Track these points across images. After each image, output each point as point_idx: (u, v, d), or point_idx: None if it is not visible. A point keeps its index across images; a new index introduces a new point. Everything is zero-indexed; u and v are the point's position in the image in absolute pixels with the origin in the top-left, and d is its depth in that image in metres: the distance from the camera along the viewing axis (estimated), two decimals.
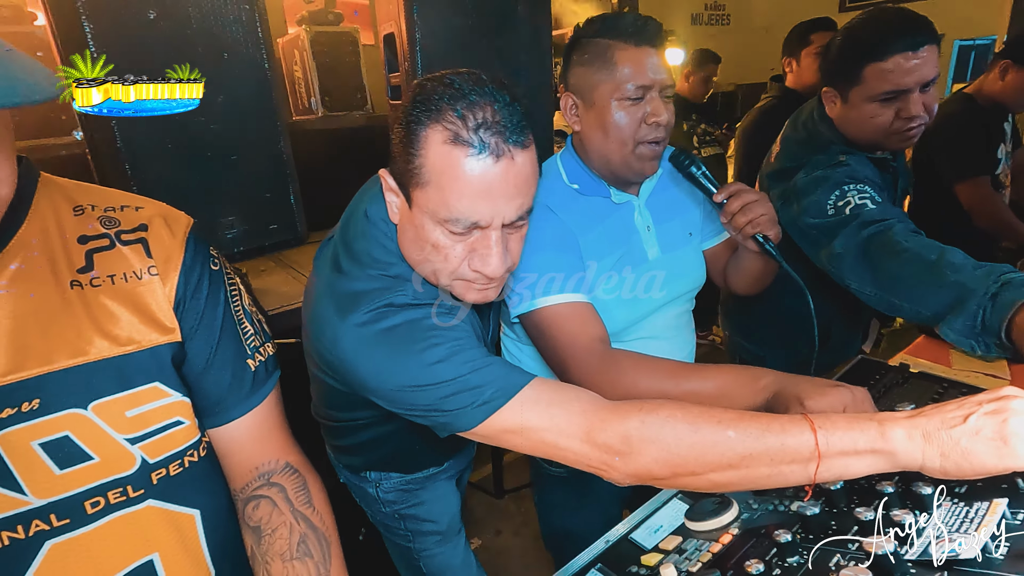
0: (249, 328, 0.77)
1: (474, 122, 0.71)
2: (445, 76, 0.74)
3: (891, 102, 1.16)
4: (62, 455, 0.59)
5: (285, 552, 0.72)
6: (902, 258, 1.08)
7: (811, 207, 1.24)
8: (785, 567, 0.67)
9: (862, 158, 1.28)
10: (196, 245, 0.71)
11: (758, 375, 0.89)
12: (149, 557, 0.66)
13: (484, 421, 0.72)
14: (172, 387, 0.66)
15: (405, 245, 0.82)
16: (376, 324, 0.75)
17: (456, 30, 1.94)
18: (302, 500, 0.76)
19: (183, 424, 0.68)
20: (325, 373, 0.90)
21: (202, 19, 1.71)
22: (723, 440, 0.66)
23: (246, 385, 0.75)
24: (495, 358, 0.76)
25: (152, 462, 0.65)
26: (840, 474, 0.64)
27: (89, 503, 0.61)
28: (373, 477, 1.15)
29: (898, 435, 0.62)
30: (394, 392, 0.74)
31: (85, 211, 0.65)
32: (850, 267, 1.16)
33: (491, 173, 0.72)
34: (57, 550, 0.60)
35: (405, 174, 0.76)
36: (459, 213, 0.74)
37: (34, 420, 0.57)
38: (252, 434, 0.76)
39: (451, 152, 0.72)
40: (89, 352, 0.60)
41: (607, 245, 1.13)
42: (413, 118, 0.74)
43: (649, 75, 1.02)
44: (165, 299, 0.67)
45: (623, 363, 0.96)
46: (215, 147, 1.84)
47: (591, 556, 0.85)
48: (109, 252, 0.64)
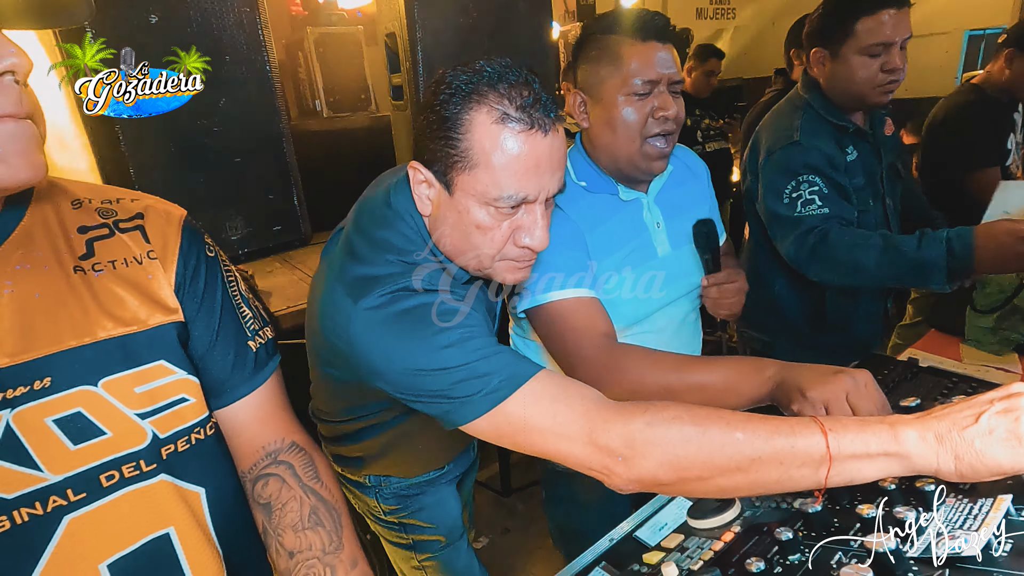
0: (248, 312, 0.79)
1: (520, 100, 0.74)
2: (473, 64, 0.77)
3: (877, 57, 1.31)
4: (76, 430, 0.60)
5: (297, 523, 0.74)
6: (860, 251, 1.23)
7: (770, 190, 1.39)
8: (786, 565, 0.66)
9: (820, 127, 1.40)
10: (191, 233, 0.73)
11: (762, 366, 0.88)
12: (165, 531, 0.67)
13: (489, 411, 0.70)
14: (178, 365, 0.68)
15: (444, 233, 0.83)
16: (390, 307, 0.75)
17: (457, 29, 1.94)
18: (310, 475, 0.77)
19: (190, 401, 0.69)
20: (331, 364, 0.90)
21: (203, 22, 1.72)
22: (732, 442, 0.63)
23: (249, 365, 0.76)
24: (504, 347, 0.75)
25: (162, 437, 0.66)
26: (852, 478, 0.62)
27: (104, 476, 0.62)
28: (372, 482, 1.14)
29: (911, 437, 0.60)
30: (403, 376, 0.74)
31: (83, 204, 0.68)
32: (808, 267, 1.33)
33: (540, 148, 0.76)
34: (75, 524, 0.61)
35: (446, 161, 0.78)
36: (511, 189, 0.76)
37: (47, 398, 0.59)
38: (257, 414, 0.78)
39: (501, 131, 0.75)
40: (96, 332, 0.62)
41: (615, 242, 1.12)
42: (451, 105, 0.75)
43: (656, 69, 1.02)
44: (166, 282, 0.68)
45: (629, 357, 0.96)
46: (218, 150, 1.85)
47: (596, 554, 0.85)
48: (109, 240, 0.66)
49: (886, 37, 1.29)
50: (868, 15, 1.29)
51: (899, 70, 1.32)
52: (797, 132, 1.38)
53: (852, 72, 1.34)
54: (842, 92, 1.39)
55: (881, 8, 1.28)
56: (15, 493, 0.58)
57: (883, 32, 1.28)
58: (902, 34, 1.30)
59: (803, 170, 1.33)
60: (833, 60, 1.37)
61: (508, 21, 2.00)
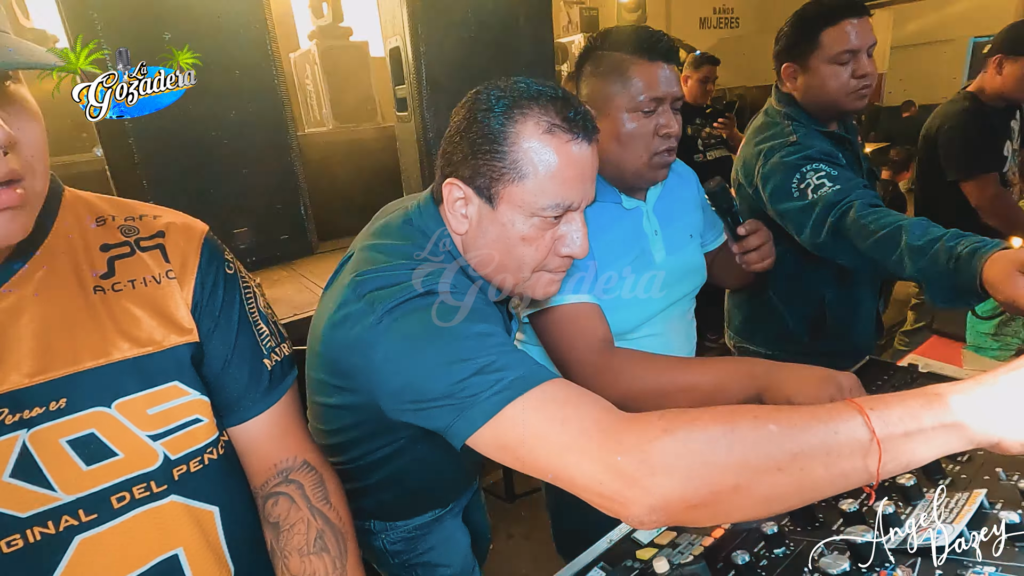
0: (265, 329, 0.79)
1: (564, 112, 0.78)
2: (508, 80, 0.81)
3: (846, 64, 1.36)
4: (88, 452, 0.61)
5: (303, 547, 0.74)
6: (869, 241, 1.19)
7: (776, 193, 1.38)
8: (771, 558, 0.69)
9: (812, 131, 1.43)
10: (211, 250, 0.74)
11: (751, 366, 0.91)
12: (174, 551, 0.68)
13: (496, 415, 0.63)
14: (191, 386, 0.69)
15: (483, 248, 0.84)
16: (413, 314, 0.73)
17: (459, 43, 1.98)
18: (319, 496, 0.78)
19: (202, 422, 0.70)
20: (336, 391, 0.88)
21: (214, 38, 1.78)
22: (766, 436, 0.53)
23: (263, 384, 0.76)
24: (520, 350, 0.73)
25: (174, 458, 0.67)
26: (908, 463, 0.53)
27: (115, 498, 0.63)
28: (378, 528, 1.09)
29: (961, 403, 0.52)
30: (412, 380, 0.70)
31: (106, 221, 0.69)
32: (832, 249, 1.28)
33: (585, 156, 0.80)
34: (86, 545, 0.62)
35: (490, 175, 0.80)
36: (559, 198, 0.79)
37: (61, 419, 0.60)
38: (270, 432, 0.78)
39: (551, 141, 0.78)
40: (112, 353, 0.63)
41: (619, 249, 1.16)
42: (494, 120, 0.78)
43: (662, 88, 1.06)
44: (183, 302, 0.69)
45: (623, 361, 0.99)
46: (228, 161, 1.90)
47: (594, 555, 0.87)
48: (130, 258, 0.68)
49: (851, 45, 1.34)
50: (831, 26, 1.35)
51: (869, 75, 1.37)
52: (793, 135, 1.42)
53: (823, 81, 1.39)
54: (817, 102, 1.43)
55: (842, 19, 1.34)
56: (29, 512, 0.58)
57: (848, 40, 1.34)
58: (866, 41, 1.36)
59: (804, 162, 1.34)
60: (804, 73, 1.42)
61: (509, 35, 2.05)
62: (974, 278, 0.99)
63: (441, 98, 2.01)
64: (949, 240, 1.07)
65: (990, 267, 0.97)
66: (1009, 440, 0.51)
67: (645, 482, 0.54)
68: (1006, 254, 0.97)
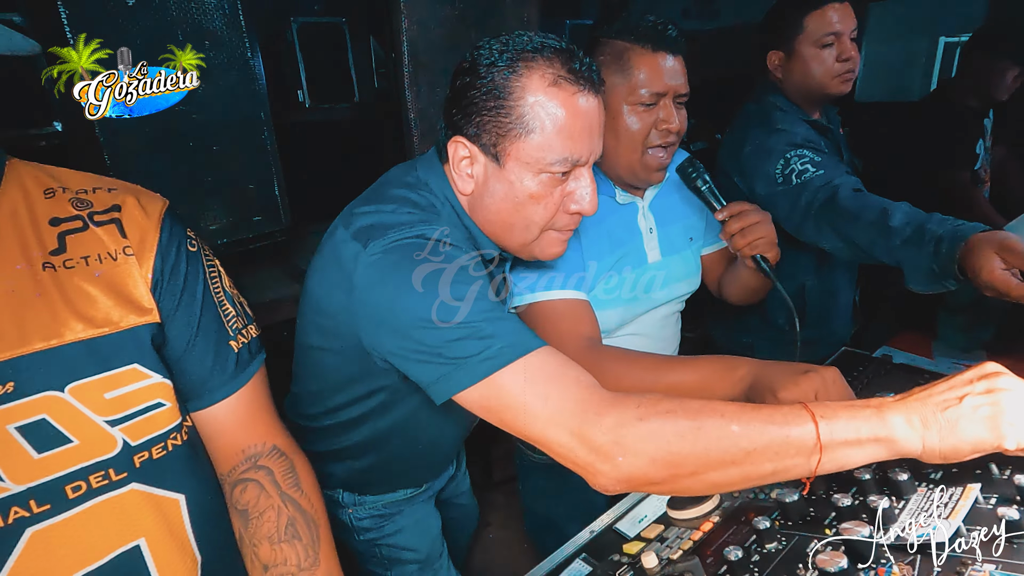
0: (231, 309, 0.76)
1: (570, 64, 0.76)
2: (512, 34, 0.78)
3: (830, 47, 1.38)
4: (40, 438, 0.58)
5: (273, 535, 0.72)
6: (853, 225, 1.20)
7: (760, 179, 1.39)
8: (764, 553, 0.68)
9: (796, 119, 1.44)
10: (172, 226, 0.70)
11: (735, 365, 0.90)
12: (136, 543, 0.65)
13: (483, 379, 0.66)
14: (152, 368, 0.65)
15: (490, 208, 0.83)
16: (401, 251, 0.73)
17: (443, 20, 1.93)
18: (290, 483, 0.75)
19: (164, 406, 0.66)
20: (323, 332, 0.86)
21: (182, 6, 1.68)
22: (727, 435, 0.61)
23: (229, 366, 0.74)
24: (511, 315, 0.73)
25: (134, 444, 0.64)
26: (841, 465, 0.61)
27: (70, 487, 0.60)
28: (347, 501, 1.07)
29: (897, 421, 0.60)
30: (403, 325, 0.70)
31: (56, 193, 0.64)
32: (815, 234, 1.29)
33: (592, 109, 0.78)
34: (38, 537, 0.58)
35: (496, 131, 0.77)
36: (567, 152, 0.77)
37: (9, 403, 0.56)
38: (238, 416, 0.75)
39: (558, 93, 0.75)
40: (64, 334, 0.59)
41: (608, 244, 1.13)
42: (498, 74, 0.75)
43: (664, 81, 1.02)
44: (142, 280, 0.65)
45: (607, 360, 0.97)
46: (197, 137, 1.81)
47: (576, 546, 0.85)
48: (82, 233, 0.63)
49: (835, 28, 1.37)
50: (815, 10, 1.38)
51: (853, 58, 1.39)
52: (777, 123, 1.43)
53: (808, 65, 1.41)
54: (802, 87, 1.45)
55: (826, 3, 1.37)
56: None
57: (831, 23, 1.36)
58: (849, 25, 1.38)
59: (787, 148, 1.36)
60: (789, 59, 1.44)
61: (495, 13, 1.99)
62: (953, 261, 1.00)
63: (423, 76, 1.96)
64: (930, 223, 1.08)
65: (969, 249, 0.99)
66: (928, 454, 0.60)
67: (615, 460, 0.62)
68: (985, 235, 0.99)
